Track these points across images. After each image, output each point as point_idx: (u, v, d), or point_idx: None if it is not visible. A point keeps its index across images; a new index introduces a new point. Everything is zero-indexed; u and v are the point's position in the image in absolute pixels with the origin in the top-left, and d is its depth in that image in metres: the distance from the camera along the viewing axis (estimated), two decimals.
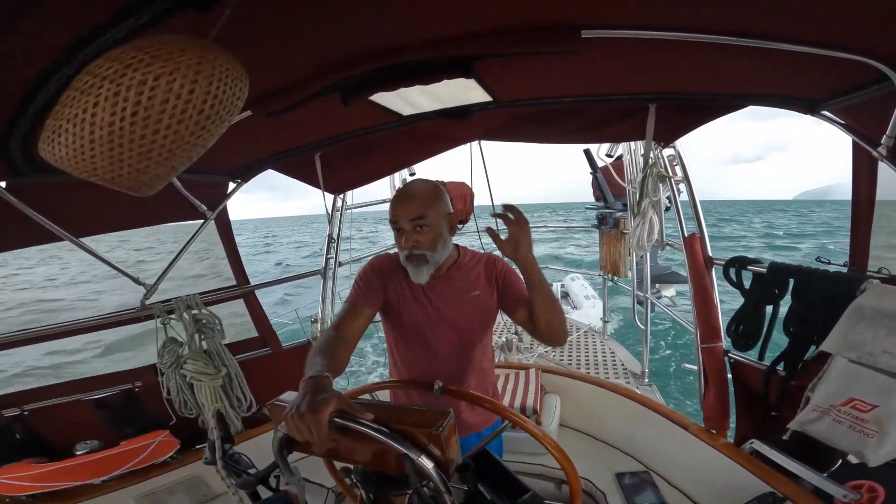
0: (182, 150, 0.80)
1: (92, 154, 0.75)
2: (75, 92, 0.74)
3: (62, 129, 0.75)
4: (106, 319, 2.08)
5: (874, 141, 1.40)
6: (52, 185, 1.60)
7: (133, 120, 0.73)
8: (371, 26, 1.08)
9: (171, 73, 0.72)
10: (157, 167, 0.81)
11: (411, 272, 1.38)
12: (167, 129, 0.75)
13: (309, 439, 0.85)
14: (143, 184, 0.85)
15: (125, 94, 0.71)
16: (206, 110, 0.77)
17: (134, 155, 0.76)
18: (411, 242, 1.33)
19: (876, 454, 1.34)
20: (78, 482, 1.86)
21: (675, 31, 1.08)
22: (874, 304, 1.40)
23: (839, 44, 1.10)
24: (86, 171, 0.77)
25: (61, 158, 0.77)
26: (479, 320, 1.50)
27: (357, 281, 1.48)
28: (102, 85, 0.71)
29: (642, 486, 2.07)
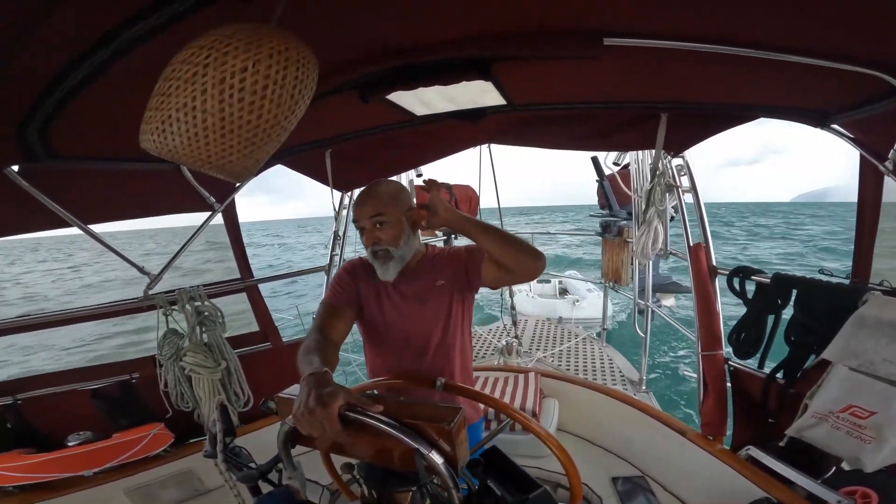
0: (277, 133, 0.83)
1: (206, 142, 0.77)
2: (177, 81, 0.74)
3: (172, 120, 0.76)
4: (108, 308, 2.07)
5: (882, 155, 1.42)
6: (64, 172, 1.61)
7: (240, 105, 0.75)
8: (393, 25, 1.08)
9: (267, 59, 0.74)
10: (258, 151, 0.83)
11: (378, 269, 1.40)
12: (268, 114, 0.78)
13: (321, 435, 0.85)
14: (246, 169, 0.86)
15: (230, 81, 0.73)
16: (296, 95, 0.80)
17: (242, 140, 0.78)
18: (372, 239, 1.36)
19: (873, 459, 1.36)
20: (68, 474, 1.85)
21: (694, 42, 1.10)
22: (876, 314, 1.42)
23: (851, 56, 1.11)
24: (200, 158, 0.79)
25: (175, 148, 0.78)
26: (447, 309, 1.48)
27: (333, 284, 1.50)
28: (206, 73, 0.73)
29: (638, 492, 2.09)
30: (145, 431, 2.02)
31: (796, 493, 1.57)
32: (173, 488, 2.10)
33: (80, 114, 1.23)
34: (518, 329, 4.10)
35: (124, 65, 0.99)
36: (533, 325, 5.00)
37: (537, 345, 4.36)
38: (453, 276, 1.47)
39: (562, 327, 4.89)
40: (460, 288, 1.48)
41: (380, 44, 1.19)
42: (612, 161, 3.37)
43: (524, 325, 4.98)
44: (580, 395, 2.67)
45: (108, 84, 1.08)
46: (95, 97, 1.14)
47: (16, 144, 1.31)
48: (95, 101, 1.17)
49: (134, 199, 2.00)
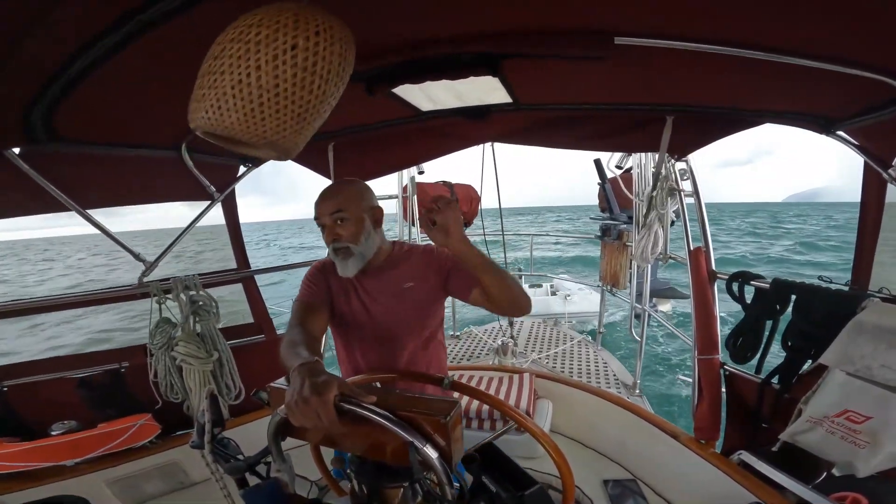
0: (324, 109, 0.84)
1: (262, 117, 0.78)
2: (228, 59, 0.75)
3: (228, 97, 0.76)
4: (101, 295, 2.05)
5: (886, 162, 1.41)
6: (65, 156, 1.60)
7: (294, 81, 0.76)
8: (402, 17, 1.07)
9: (315, 36, 0.75)
10: (308, 127, 0.84)
11: (338, 266, 1.40)
12: (318, 90, 0.79)
13: (315, 425, 0.83)
14: (296, 145, 0.87)
15: (283, 58, 0.74)
16: (340, 71, 0.81)
17: (294, 115, 0.79)
18: (332, 236, 1.36)
19: (867, 464, 1.38)
20: (50, 463, 1.82)
21: (703, 43, 1.09)
22: (875, 320, 1.42)
23: (859, 62, 1.11)
24: (256, 133, 0.80)
25: (231, 125, 0.79)
26: (416, 312, 1.47)
27: (306, 281, 1.48)
28: (259, 50, 0.73)
29: (629, 495, 2.10)
30: (131, 422, 1.99)
31: (787, 498, 1.58)
32: (157, 480, 2.08)
33: (86, 99, 1.22)
34: (514, 330, 4.10)
35: (133, 51, 0.98)
36: (529, 327, 4.99)
37: (533, 346, 4.36)
38: (429, 276, 1.46)
39: (557, 329, 4.88)
40: (435, 288, 1.47)
41: (389, 37, 1.18)
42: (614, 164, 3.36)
43: (520, 325, 4.98)
44: (574, 397, 2.68)
45: (115, 70, 1.07)
46: (101, 82, 1.13)
47: (20, 126, 1.30)
48: (101, 86, 1.16)
49: (134, 185, 1.99)
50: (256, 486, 1.07)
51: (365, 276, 1.45)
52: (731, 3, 0.95)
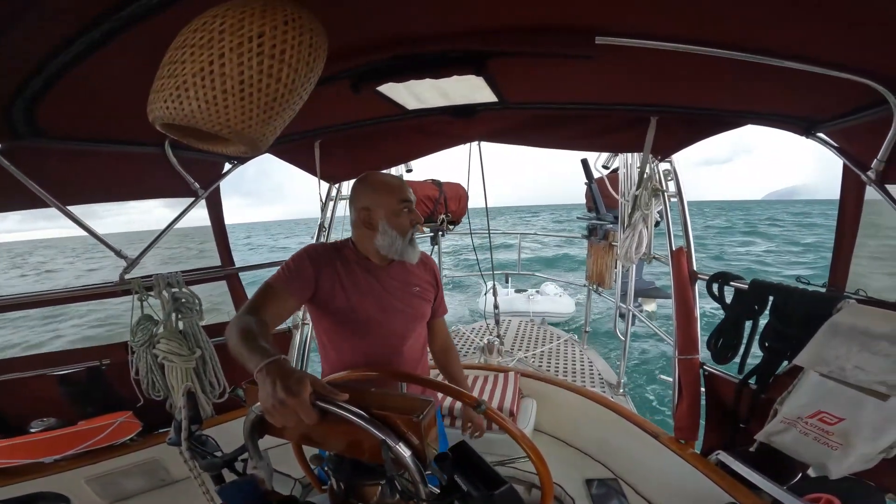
0: (294, 101, 0.83)
1: (225, 105, 0.76)
2: (191, 48, 0.74)
3: (188, 85, 0.75)
4: (82, 292, 2.02)
5: (865, 165, 1.43)
6: (46, 152, 1.58)
7: (260, 69, 0.75)
8: (386, 15, 1.07)
9: (283, 24, 0.74)
10: (276, 119, 0.83)
11: (410, 251, 1.46)
12: (287, 79, 0.78)
13: (297, 425, 0.83)
14: (264, 137, 0.86)
15: (248, 45, 0.73)
16: (311, 62, 0.80)
17: (262, 105, 0.78)
18: (420, 218, 1.47)
19: (839, 466, 1.39)
20: (28, 460, 1.80)
21: (685, 44, 1.09)
22: (850, 322, 1.43)
23: (842, 64, 1.12)
24: (219, 122, 0.78)
25: (192, 113, 0.77)
26: (418, 314, 1.57)
27: (288, 266, 1.40)
28: (223, 38, 0.73)
29: (611, 494, 2.11)
30: (111, 419, 1.97)
31: (762, 499, 1.59)
32: (138, 477, 2.06)
33: (69, 94, 1.21)
34: (501, 329, 4.11)
35: (116, 46, 0.97)
36: (516, 326, 5.01)
37: (519, 345, 4.37)
38: (430, 285, 1.62)
39: (544, 329, 4.90)
40: (430, 297, 1.63)
41: (373, 34, 1.17)
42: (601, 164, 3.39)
43: (507, 325, 4.99)
44: (558, 396, 2.69)
45: (98, 65, 1.05)
46: (85, 78, 1.12)
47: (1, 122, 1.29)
48: (84, 82, 1.15)
49: (117, 182, 1.97)
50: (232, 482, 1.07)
51: (379, 270, 1.49)
52: (713, 4, 0.96)
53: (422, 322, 1.61)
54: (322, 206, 2.85)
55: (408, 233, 1.43)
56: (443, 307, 1.71)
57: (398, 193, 1.43)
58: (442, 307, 1.70)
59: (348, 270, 1.45)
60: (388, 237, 1.42)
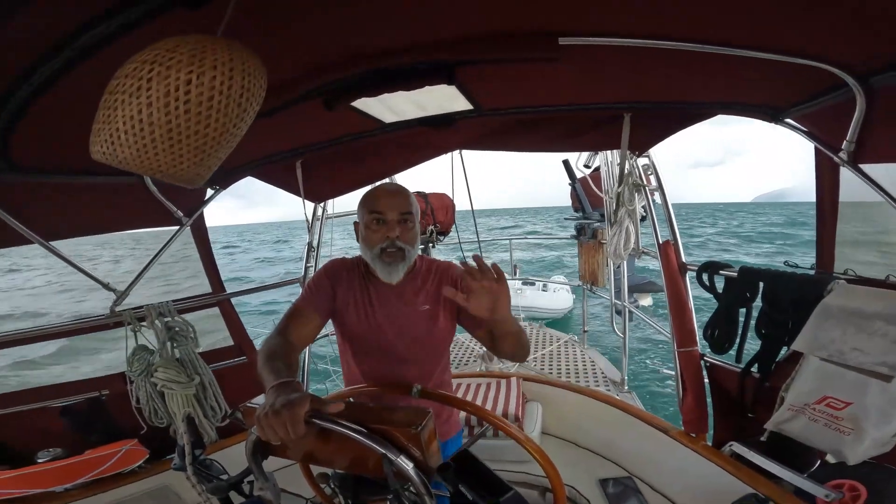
0: (227, 140, 0.86)
1: (155, 152, 0.80)
2: (123, 95, 0.77)
3: (121, 132, 0.79)
4: (73, 326, 2.00)
5: (835, 146, 1.45)
6: (23, 186, 1.56)
7: (187, 117, 0.78)
8: (354, 31, 1.09)
9: (211, 70, 0.77)
10: (209, 158, 0.86)
11: (383, 270, 1.34)
12: (216, 123, 0.80)
13: (284, 438, 0.83)
14: (198, 175, 0.89)
15: (175, 94, 0.76)
16: (243, 102, 0.83)
17: (191, 149, 0.81)
18: (395, 233, 1.31)
19: (854, 452, 1.34)
20: (39, 489, 1.78)
21: (648, 39, 1.12)
22: (841, 303, 1.43)
23: (800, 51, 1.15)
24: (151, 168, 0.82)
25: (126, 159, 0.81)
26: (428, 334, 1.44)
27: (309, 286, 1.45)
28: (150, 87, 0.75)
29: (626, 493, 2.08)
30: (118, 447, 1.95)
31: (783, 488, 1.57)
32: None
33: (37, 126, 1.20)
34: None
35: (78, 74, 0.97)
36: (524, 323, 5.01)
37: None
38: (441, 304, 1.44)
39: (543, 331, 4.91)
40: (450, 314, 1.45)
41: (342, 51, 1.19)
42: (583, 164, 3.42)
43: None
44: (563, 398, 2.68)
45: (65, 95, 1.05)
46: (51, 108, 1.11)
47: None
48: (51, 112, 1.14)
49: (98, 214, 1.95)
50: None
51: (384, 288, 1.42)
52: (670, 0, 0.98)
53: (431, 344, 1.47)
54: (309, 226, 2.84)
55: (374, 247, 1.32)
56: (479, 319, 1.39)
57: (370, 204, 1.35)
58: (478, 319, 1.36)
59: (359, 289, 1.43)
60: (363, 250, 1.38)
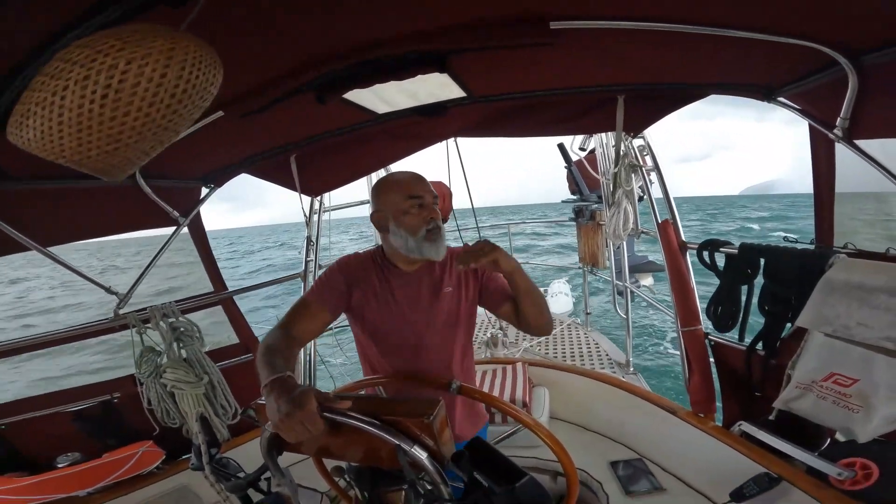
0: (153, 133, 0.82)
1: (60, 136, 0.76)
2: (45, 77, 0.75)
3: (31, 113, 0.76)
4: (78, 331, 2.01)
5: (829, 124, 1.46)
6: (16, 193, 1.56)
7: (102, 103, 0.74)
8: (344, 23, 1.08)
9: (142, 58, 0.73)
10: (126, 150, 0.82)
11: (431, 249, 1.34)
12: (137, 112, 0.77)
13: (305, 437, 0.84)
14: (113, 166, 0.85)
15: (95, 78, 0.73)
16: (179, 94, 0.78)
17: (103, 137, 0.78)
18: (433, 214, 1.34)
19: (864, 429, 1.35)
20: (61, 495, 1.81)
21: (638, 21, 1.12)
22: (844, 277, 1.42)
23: (791, 30, 1.15)
24: (53, 153, 0.79)
25: (29, 141, 0.78)
26: (454, 317, 1.47)
27: (320, 280, 1.43)
28: (73, 69, 0.73)
29: (637, 474, 2.09)
30: (134, 450, 1.98)
31: (795, 466, 1.58)
32: None
33: None
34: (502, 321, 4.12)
35: None
36: None
37: (523, 335, 4.39)
38: (469, 283, 1.47)
39: None
40: (471, 296, 1.48)
41: (331, 44, 1.18)
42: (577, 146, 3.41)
43: None
44: (569, 382, 2.70)
45: None
46: None
47: None
48: None
49: (95, 218, 1.95)
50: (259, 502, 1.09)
51: (402, 277, 1.43)
52: None
53: (457, 322, 1.48)
54: (307, 220, 2.83)
55: (419, 231, 1.32)
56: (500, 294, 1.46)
57: (405, 190, 1.35)
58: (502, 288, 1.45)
59: (374, 280, 1.42)
60: (399, 237, 1.36)
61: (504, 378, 2.69)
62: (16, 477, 1.79)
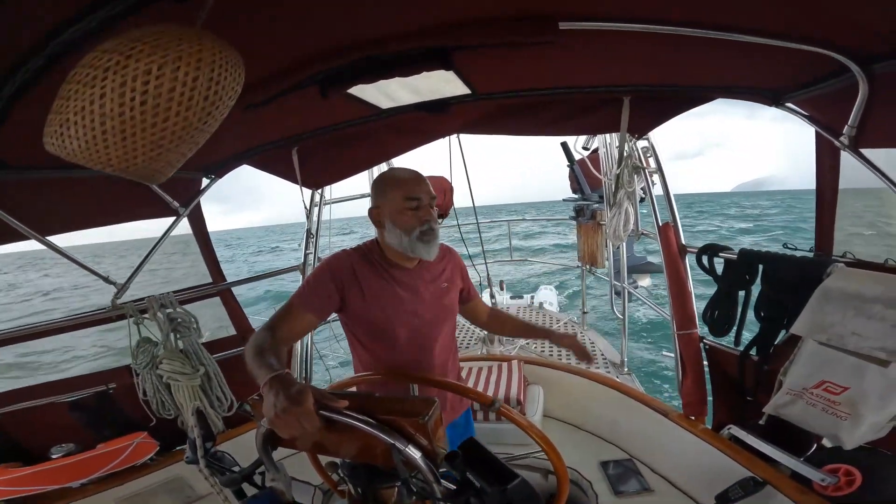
0: (190, 135, 0.82)
1: (105, 145, 0.76)
2: (77, 85, 0.74)
3: (70, 123, 0.75)
4: (76, 320, 2.01)
5: (836, 131, 1.45)
6: (15, 183, 1.55)
7: (143, 109, 0.74)
8: (350, 17, 1.07)
9: (174, 62, 0.73)
10: (168, 154, 0.82)
11: (424, 249, 1.38)
12: (176, 116, 0.77)
13: (302, 434, 0.85)
14: (156, 171, 0.86)
15: (132, 85, 0.72)
16: (211, 96, 0.79)
17: (147, 143, 0.78)
18: (429, 216, 1.38)
19: (851, 436, 1.36)
20: (56, 486, 1.81)
21: (649, 24, 1.11)
22: (841, 286, 1.42)
23: (802, 36, 1.14)
24: (100, 162, 0.78)
25: (73, 152, 0.78)
26: (448, 311, 1.56)
27: (308, 282, 1.42)
28: (106, 77, 0.72)
29: (627, 474, 2.11)
30: (128, 441, 1.98)
31: (780, 471, 1.60)
32: (165, 496, 2.07)
33: (23, 122, 1.19)
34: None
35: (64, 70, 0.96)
36: (514, 314, 5.03)
37: None
38: (457, 279, 1.62)
39: (543, 313, 4.93)
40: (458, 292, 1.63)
41: (337, 38, 1.18)
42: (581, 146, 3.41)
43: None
44: (564, 381, 2.71)
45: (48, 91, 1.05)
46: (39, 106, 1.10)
47: None
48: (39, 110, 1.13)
49: (94, 208, 1.95)
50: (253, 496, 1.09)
51: (404, 272, 1.46)
52: None
53: (451, 316, 1.61)
54: (307, 213, 2.84)
55: (413, 231, 1.36)
56: (474, 290, 1.75)
57: (404, 190, 1.37)
58: (473, 290, 1.74)
59: (374, 278, 1.42)
60: (395, 235, 1.39)
61: (499, 375, 2.70)
62: (10, 468, 1.80)
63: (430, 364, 1.49)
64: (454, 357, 1.65)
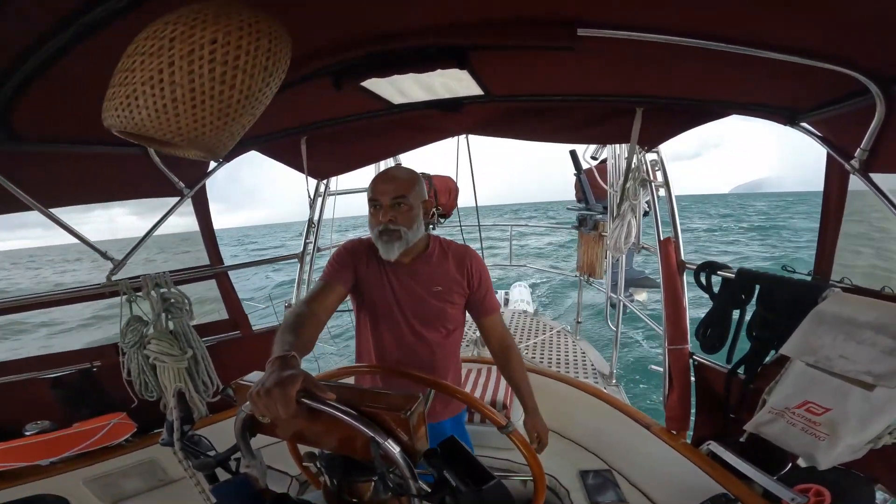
0: (252, 106, 0.83)
1: (176, 113, 0.76)
2: (142, 56, 0.74)
3: (139, 94, 0.75)
4: (69, 294, 2.01)
5: (848, 154, 1.43)
6: (24, 155, 1.56)
7: (211, 76, 0.75)
8: (368, 10, 1.07)
9: (237, 30, 0.74)
10: (233, 124, 0.83)
11: (382, 248, 1.43)
12: (241, 84, 0.78)
13: (275, 417, 0.83)
14: (221, 143, 0.86)
15: (199, 53, 0.73)
16: (270, 66, 0.80)
17: (215, 112, 0.78)
18: (388, 217, 1.39)
19: (827, 457, 1.37)
20: (24, 463, 1.80)
21: (669, 35, 1.10)
22: (835, 310, 1.42)
23: (824, 54, 1.13)
24: (170, 131, 0.78)
25: (142, 121, 0.77)
26: (440, 316, 1.54)
27: (331, 260, 1.53)
28: (173, 46, 0.72)
29: (605, 486, 2.12)
30: (105, 421, 1.97)
31: (753, 489, 1.61)
32: (136, 478, 2.06)
33: (42, 96, 1.19)
34: None
35: (88, 46, 0.96)
36: (509, 318, 5.02)
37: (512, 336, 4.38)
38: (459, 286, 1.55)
39: (537, 320, 4.92)
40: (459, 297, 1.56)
41: (354, 30, 1.17)
42: (590, 155, 3.40)
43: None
44: (551, 388, 2.70)
45: (72, 66, 1.04)
46: (58, 79, 1.10)
47: None
48: (58, 83, 1.13)
49: (100, 183, 1.95)
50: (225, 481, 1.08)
51: (399, 267, 1.50)
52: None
53: (443, 320, 1.55)
54: (311, 202, 2.85)
55: (373, 230, 1.44)
56: (489, 305, 1.61)
57: (369, 191, 1.45)
58: (487, 305, 1.61)
59: (373, 265, 1.51)
60: (371, 233, 1.47)
61: (488, 378, 2.71)
62: None
63: (413, 363, 1.50)
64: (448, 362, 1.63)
